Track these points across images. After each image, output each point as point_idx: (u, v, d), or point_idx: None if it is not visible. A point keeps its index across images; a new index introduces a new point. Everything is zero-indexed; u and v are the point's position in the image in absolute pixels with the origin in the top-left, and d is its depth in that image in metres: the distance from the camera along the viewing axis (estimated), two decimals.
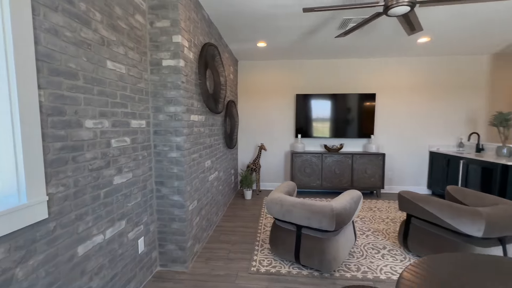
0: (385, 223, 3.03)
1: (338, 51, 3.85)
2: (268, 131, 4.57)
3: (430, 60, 4.16)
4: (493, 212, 1.83)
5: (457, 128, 4.23)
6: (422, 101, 4.24)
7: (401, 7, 1.70)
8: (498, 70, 4.06)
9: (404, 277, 1.05)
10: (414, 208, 2.18)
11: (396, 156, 4.39)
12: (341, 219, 1.86)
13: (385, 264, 2.15)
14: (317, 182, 4.17)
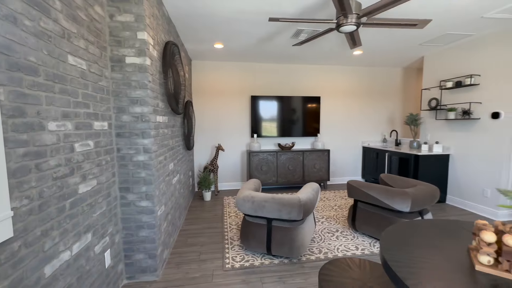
0: (335, 210, 3.47)
1: (290, 57, 4.19)
2: (225, 131, 4.62)
3: (362, 69, 4.92)
4: (415, 192, 2.35)
5: (381, 127, 5.12)
6: (356, 104, 4.98)
7: (350, 26, 2.02)
8: (407, 80, 5.10)
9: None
10: (360, 194, 2.60)
11: (338, 152, 5.04)
12: (307, 208, 2.09)
13: (340, 244, 2.50)
14: (273, 179, 4.44)
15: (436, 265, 0.83)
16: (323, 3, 2.32)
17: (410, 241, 1.00)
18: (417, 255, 0.89)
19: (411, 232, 1.08)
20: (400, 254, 0.90)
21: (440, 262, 0.84)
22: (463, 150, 3.54)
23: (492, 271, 0.75)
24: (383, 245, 0.97)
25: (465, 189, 3.52)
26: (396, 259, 0.86)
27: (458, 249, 0.93)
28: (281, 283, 1.91)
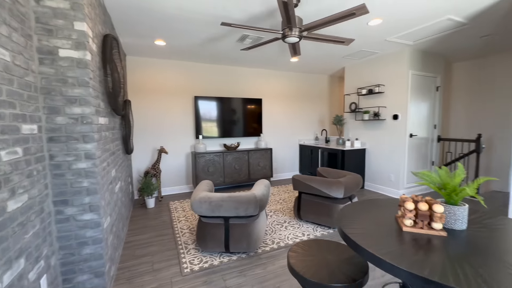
0: (280, 203, 3.78)
1: (235, 59, 4.30)
2: (168, 133, 4.38)
3: (296, 75, 5.46)
4: (346, 180, 2.82)
5: (313, 126, 5.81)
6: (292, 106, 5.50)
7: (294, 38, 2.28)
8: (332, 86, 5.94)
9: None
10: (303, 186, 2.94)
11: (279, 150, 5.45)
12: (262, 203, 2.25)
13: (289, 233, 2.77)
14: (220, 179, 4.47)
15: (376, 230, 1.08)
16: (269, 13, 2.53)
17: (355, 217, 1.25)
18: (362, 226, 1.13)
19: (354, 211, 1.34)
20: (351, 226, 1.12)
21: (379, 228, 1.10)
22: (375, 145, 4.40)
23: (413, 230, 1.05)
24: (340, 220, 1.19)
25: (377, 176, 4.38)
26: (349, 229, 1.07)
27: (388, 218, 1.23)
28: (242, 276, 2.01)
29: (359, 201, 1.54)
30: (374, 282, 1.92)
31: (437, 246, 0.95)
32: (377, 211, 1.36)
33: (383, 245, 0.96)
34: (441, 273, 0.77)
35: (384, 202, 1.52)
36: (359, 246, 0.95)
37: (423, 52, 3.96)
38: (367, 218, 1.25)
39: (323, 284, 1.06)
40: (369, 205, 1.47)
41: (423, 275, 0.75)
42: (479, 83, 4.47)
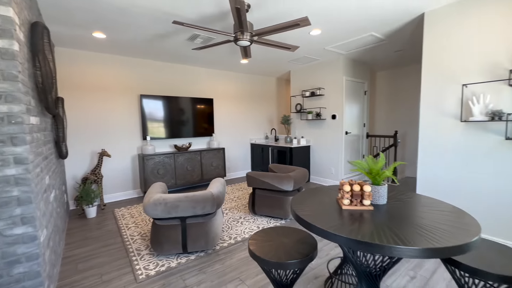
0: (235, 201, 3.88)
1: (185, 58, 4.19)
2: (110, 135, 4.00)
3: (246, 76, 5.64)
4: (295, 174, 3.10)
5: (263, 126, 6.10)
6: (243, 106, 5.67)
7: (245, 42, 2.40)
8: (279, 87, 6.34)
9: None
10: (257, 182, 3.10)
11: (231, 149, 5.54)
12: (219, 200, 2.31)
13: (245, 227, 2.90)
14: (172, 181, 4.31)
15: (322, 210, 1.28)
16: (221, 15, 2.59)
17: (305, 202, 1.44)
18: (311, 208, 1.32)
19: (304, 197, 1.54)
20: (302, 209, 1.30)
21: (324, 209, 1.31)
22: (318, 142, 4.90)
23: (349, 207, 1.29)
24: (293, 205, 1.36)
25: (321, 169, 4.89)
26: (301, 211, 1.25)
27: (331, 201, 1.46)
28: (202, 274, 2.03)
29: (307, 189, 1.76)
30: (322, 260, 2.19)
31: (366, 217, 1.19)
32: (322, 196, 1.58)
33: (328, 221, 1.15)
34: (369, 236, 0.99)
35: (327, 188, 1.78)
36: (310, 224, 1.12)
37: (354, 61, 4.60)
38: (315, 202, 1.45)
39: (281, 262, 1.21)
40: (315, 192, 1.70)
41: (357, 239, 0.96)
42: (395, 89, 5.43)
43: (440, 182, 2.63)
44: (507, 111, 2.16)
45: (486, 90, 2.28)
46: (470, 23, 2.34)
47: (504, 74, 2.17)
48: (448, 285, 1.84)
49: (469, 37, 2.36)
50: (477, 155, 2.36)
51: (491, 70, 2.25)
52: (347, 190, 1.29)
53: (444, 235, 1.01)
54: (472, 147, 2.39)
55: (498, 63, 2.20)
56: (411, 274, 1.97)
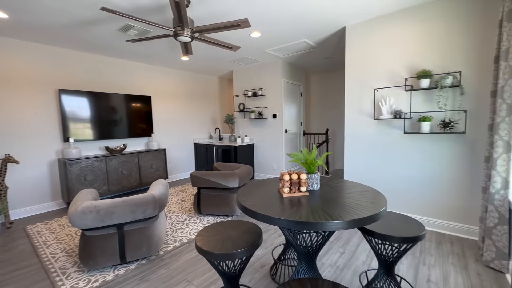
0: (179, 203, 3.72)
1: (118, 50, 3.78)
2: (18, 137, 3.29)
3: (188, 74, 5.46)
4: (240, 171, 3.18)
5: (207, 125, 6.01)
6: (185, 105, 5.47)
7: (186, 37, 2.35)
8: (222, 87, 6.36)
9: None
10: (202, 181, 3.06)
11: (173, 150, 5.27)
12: (162, 202, 2.19)
13: (191, 228, 2.82)
14: (103, 188, 3.84)
15: (265, 200, 1.38)
16: (158, 7, 2.46)
17: (250, 194, 1.51)
18: (256, 199, 1.40)
19: (249, 190, 1.62)
20: (247, 200, 1.37)
21: (267, 199, 1.41)
22: (261, 140, 5.13)
23: (289, 195, 1.42)
24: (239, 198, 1.42)
25: (264, 166, 5.13)
26: (246, 202, 1.31)
27: (273, 191, 1.58)
28: (145, 281, 1.90)
29: (252, 183, 1.85)
30: (267, 250, 2.32)
31: (304, 202, 1.35)
32: (265, 187, 1.70)
33: (271, 209, 1.25)
34: (306, 217, 1.13)
35: (270, 180, 1.91)
36: (255, 212, 1.20)
37: (291, 64, 4.99)
38: (259, 194, 1.54)
39: (229, 252, 1.25)
40: (259, 184, 1.80)
41: (295, 219, 1.08)
42: (326, 91, 6.12)
43: (361, 170, 3.12)
44: (405, 111, 2.73)
45: (390, 94, 2.82)
46: (378, 39, 2.85)
47: (401, 81, 2.73)
48: (368, 254, 2.21)
49: (378, 50, 2.87)
50: (385, 146, 2.89)
51: (393, 77, 2.79)
52: (287, 179, 1.43)
53: (362, 209, 1.23)
54: (382, 140, 2.91)
55: (398, 72, 2.76)
56: (341, 250, 2.29)
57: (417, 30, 2.60)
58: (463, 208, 2.49)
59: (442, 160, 2.56)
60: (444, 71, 2.47)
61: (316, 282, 1.07)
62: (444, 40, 2.47)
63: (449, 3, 2.42)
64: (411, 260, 2.12)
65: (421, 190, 2.70)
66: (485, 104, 2.31)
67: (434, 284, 1.80)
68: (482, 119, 2.33)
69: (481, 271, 1.95)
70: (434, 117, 2.56)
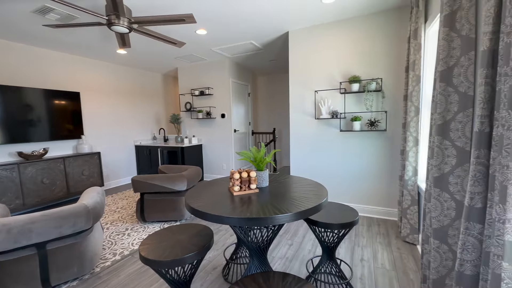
0: (118, 212, 3.35)
1: (33, 36, 3.14)
2: None
3: (129, 70, 4.95)
4: (188, 173, 3.05)
5: (150, 126, 5.57)
6: (125, 104, 4.95)
7: (122, 28, 2.12)
8: (167, 85, 5.99)
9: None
10: (145, 186, 2.82)
11: (110, 153, 4.71)
12: (96, 213, 1.93)
13: (134, 239, 2.57)
14: (16, 202, 3.17)
15: (216, 200, 1.35)
16: None
17: (200, 195, 1.46)
18: (206, 199, 1.37)
19: (198, 191, 1.56)
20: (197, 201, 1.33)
21: (217, 198, 1.39)
22: (210, 140, 5.02)
23: (240, 193, 1.43)
24: (187, 200, 1.35)
25: (213, 166, 5.04)
26: (195, 204, 1.27)
27: (224, 190, 1.56)
28: None
29: (201, 183, 1.79)
30: (219, 251, 2.29)
31: (254, 199, 1.37)
32: (216, 187, 1.67)
33: (221, 208, 1.24)
34: (256, 213, 1.15)
35: (220, 180, 1.88)
36: (205, 213, 1.17)
37: (238, 64, 5.03)
38: (208, 194, 1.51)
39: (177, 258, 1.18)
40: (209, 185, 1.76)
41: (246, 216, 1.09)
42: (273, 92, 6.38)
43: (305, 165, 3.36)
44: (340, 111, 3.05)
45: (328, 96, 3.11)
46: (318, 45, 3.12)
47: (337, 85, 3.05)
48: (313, 243, 2.40)
49: (317, 55, 3.13)
50: (325, 143, 3.19)
51: (330, 81, 3.09)
52: (237, 177, 1.43)
53: (307, 201, 1.33)
54: (322, 138, 3.20)
55: (334, 76, 3.07)
56: (289, 243, 2.42)
57: (350, 39, 2.94)
58: (386, 194, 2.93)
59: (369, 154, 2.96)
60: (370, 77, 2.87)
61: (267, 275, 1.11)
62: (369, 50, 2.86)
63: (372, 20, 2.81)
64: (348, 243, 2.38)
65: (355, 181, 3.07)
66: (400, 106, 2.77)
67: (366, 262, 2.07)
68: (398, 119, 2.79)
69: (400, 246, 2.32)
70: (363, 117, 2.94)
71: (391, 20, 2.73)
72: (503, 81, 0.77)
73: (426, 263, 1.57)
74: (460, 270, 1.11)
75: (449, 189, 1.32)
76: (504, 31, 0.78)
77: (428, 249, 1.55)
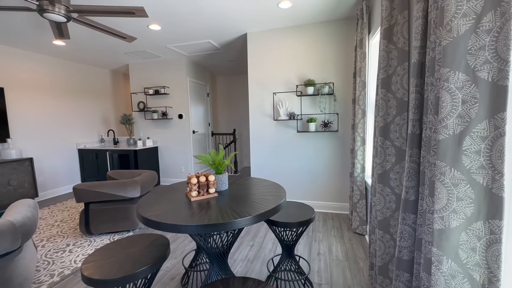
0: (57, 226, 2.93)
1: None
2: None
3: (72, 64, 4.37)
4: (142, 178, 2.83)
5: (97, 127, 5.03)
6: (66, 102, 4.36)
7: (57, 16, 1.86)
8: (117, 82, 5.48)
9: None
10: (91, 195, 2.52)
11: (47, 159, 4.10)
12: (26, 230, 1.65)
13: (76, 255, 2.28)
14: None
15: (172, 207, 1.27)
16: None
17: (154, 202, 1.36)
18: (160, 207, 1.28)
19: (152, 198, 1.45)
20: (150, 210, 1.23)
21: (174, 205, 1.31)
22: (166, 142, 4.76)
23: (198, 198, 1.37)
24: (139, 209, 1.24)
25: (171, 170, 4.79)
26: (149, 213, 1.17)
27: (181, 196, 1.48)
28: None
29: (155, 190, 1.67)
30: (177, 260, 2.17)
31: (213, 204, 1.33)
32: (172, 193, 1.57)
33: (178, 216, 1.17)
34: (215, 218, 1.12)
35: (177, 185, 1.79)
36: (159, 222, 1.08)
37: (196, 63, 4.87)
38: (164, 201, 1.41)
39: (128, 274, 1.07)
40: (165, 191, 1.65)
41: (204, 223, 1.05)
42: (233, 93, 6.35)
43: (265, 166, 3.42)
44: (297, 113, 3.19)
45: (286, 98, 3.22)
46: (275, 48, 3.20)
47: (294, 87, 3.17)
48: (273, 242, 2.45)
49: (275, 58, 3.22)
50: (284, 144, 3.29)
51: (287, 84, 3.20)
52: (194, 182, 1.37)
53: (266, 203, 1.34)
54: (281, 139, 3.30)
55: (291, 79, 3.19)
56: (251, 244, 2.43)
57: (306, 45, 3.09)
58: (339, 190, 3.16)
59: (324, 153, 3.15)
60: (323, 81, 3.06)
61: (227, 282, 1.08)
62: (322, 56, 3.04)
63: (324, 28, 3.00)
64: (306, 239, 2.50)
65: (311, 179, 3.24)
66: (349, 109, 3.01)
67: (323, 256, 2.20)
68: (348, 120, 3.03)
69: (351, 237, 2.52)
70: (317, 119, 3.12)
71: (341, 29, 2.95)
72: (429, 89, 0.89)
73: (373, 252, 1.73)
74: (399, 256, 1.24)
75: (390, 184, 1.48)
76: (429, 47, 0.90)
77: (374, 239, 1.71)
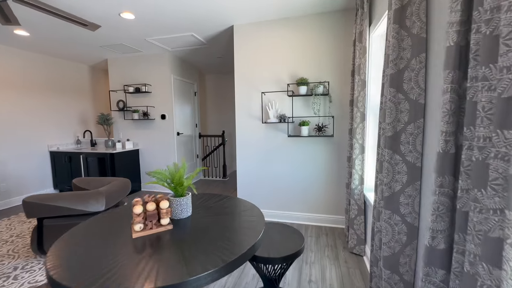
0: (11, 242, 2.54)
1: None
2: None
3: (44, 58, 3.95)
4: (108, 188, 2.45)
5: (73, 127, 4.61)
6: (35, 100, 3.94)
7: None
8: (96, 79, 5.06)
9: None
10: (45, 209, 2.14)
11: (11, 163, 3.68)
12: None
13: (27, 281, 1.90)
14: None
15: (101, 248, 0.92)
16: None
17: (74, 243, 1.00)
18: (81, 250, 0.92)
19: (80, 233, 1.09)
20: (61, 257, 0.87)
21: (105, 246, 0.95)
22: (148, 144, 4.37)
23: (142, 233, 1.02)
24: (48, 255, 0.88)
25: None
26: (54, 262, 0.81)
27: (125, 225, 1.13)
28: None
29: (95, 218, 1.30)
30: None
31: (162, 244, 0.97)
32: (116, 221, 1.21)
33: (100, 268, 0.81)
34: (160, 276, 0.77)
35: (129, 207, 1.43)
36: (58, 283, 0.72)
37: (182, 60, 4.50)
38: (96, 236, 1.05)
39: None
40: (109, 217, 1.29)
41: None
42: (222, 92, 5.99)
43: (253, 174, 3.07)
44: (288, 115, 2.85)
45: (276, 98, 2.88)
46: (264, 43, 2.86)
47: (285, 86, 2.83)
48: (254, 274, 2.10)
49: (264, 53, 2.87)
50: (273, 149, 2.95)
51: (278, 82, 2.86)
52: (138, 212, 1.01)
53: (240, 239, 1.00)
54: (270, 143, 2.95)
55: (282, 78, 2.85)
56: None
57: (298, 39, 2.75)
58: (334, 202, 2.83)
59: (317, 161, 2.82)
60: (317, 80, 2.72)
61: None
62: (316, 52, 2.71)
63: (319, 20, 2.66)
64: (296, 262, 2.16)
65: (303, 188, 2.90)
66: (346, 111, 2.68)
67: (314, 284, 1.86)
68: (345, 124, 2.70)
69: (347, 258, 2.20)
70: (311, 122, 2.78)
71: (337, 21, 2.62)
72: (480, 87, 0.56)
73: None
74: None
75: (400, 211, 1.15)
76: (479, 19, 0.57)
77: (378, 274, 1.38)
